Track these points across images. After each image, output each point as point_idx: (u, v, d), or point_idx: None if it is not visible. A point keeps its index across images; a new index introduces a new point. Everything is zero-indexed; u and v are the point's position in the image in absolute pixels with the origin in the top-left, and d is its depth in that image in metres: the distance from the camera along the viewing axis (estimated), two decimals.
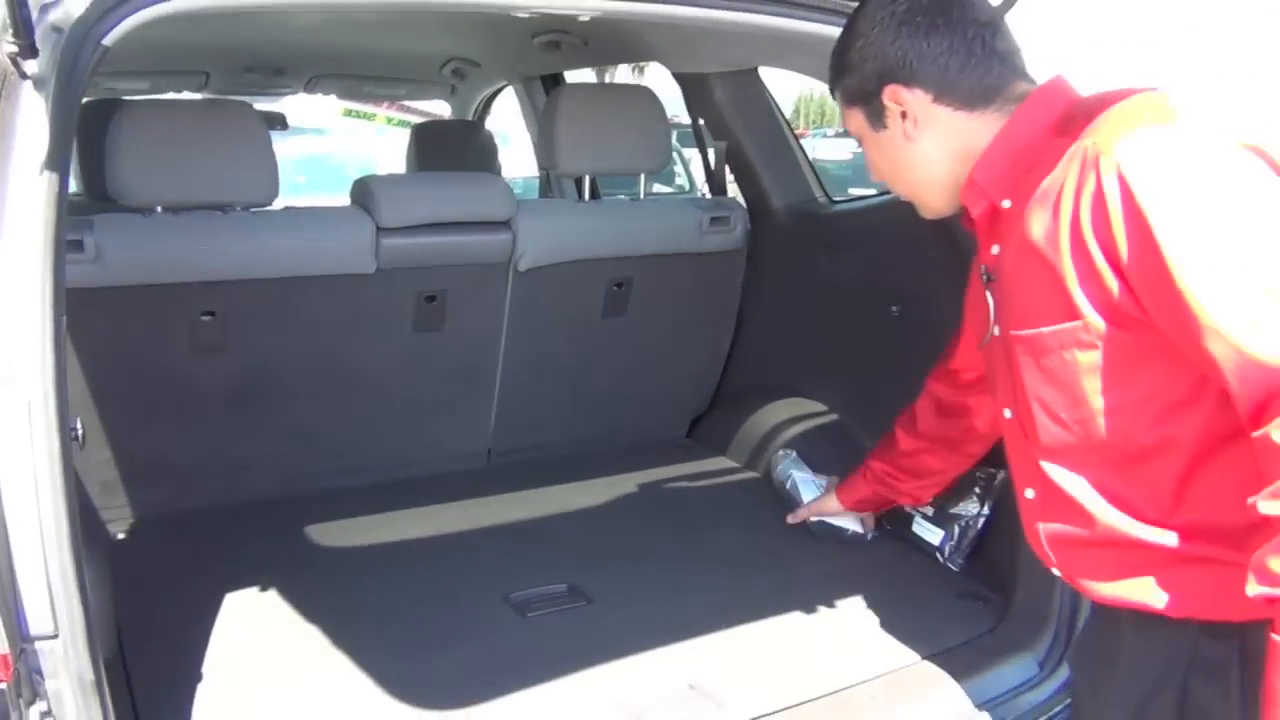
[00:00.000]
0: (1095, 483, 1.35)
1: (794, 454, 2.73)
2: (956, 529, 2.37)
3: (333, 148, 12.16)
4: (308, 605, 2.15)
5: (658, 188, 8.18)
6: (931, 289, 2.39)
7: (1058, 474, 1.39)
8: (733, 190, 3.22)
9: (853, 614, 2.17)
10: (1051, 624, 2.04)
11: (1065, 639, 2.04)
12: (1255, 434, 1.16)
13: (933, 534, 2.40)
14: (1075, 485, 1.37)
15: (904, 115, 1.43)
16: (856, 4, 1.51)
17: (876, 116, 1.46)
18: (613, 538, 2.59)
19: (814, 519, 2.52)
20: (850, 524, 2.50)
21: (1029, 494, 1.48)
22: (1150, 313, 1.21)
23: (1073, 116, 1.33)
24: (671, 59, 3.07)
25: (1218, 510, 1.27)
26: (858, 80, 1.47)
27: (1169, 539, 1.31)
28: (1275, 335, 1.13)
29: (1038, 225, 1.29)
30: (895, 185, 1.56)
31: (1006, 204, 1.39)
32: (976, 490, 2.35)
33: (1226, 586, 1.24)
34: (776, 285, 3.10)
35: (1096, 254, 1.22)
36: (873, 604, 2.20)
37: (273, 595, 2.19)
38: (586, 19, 2.52)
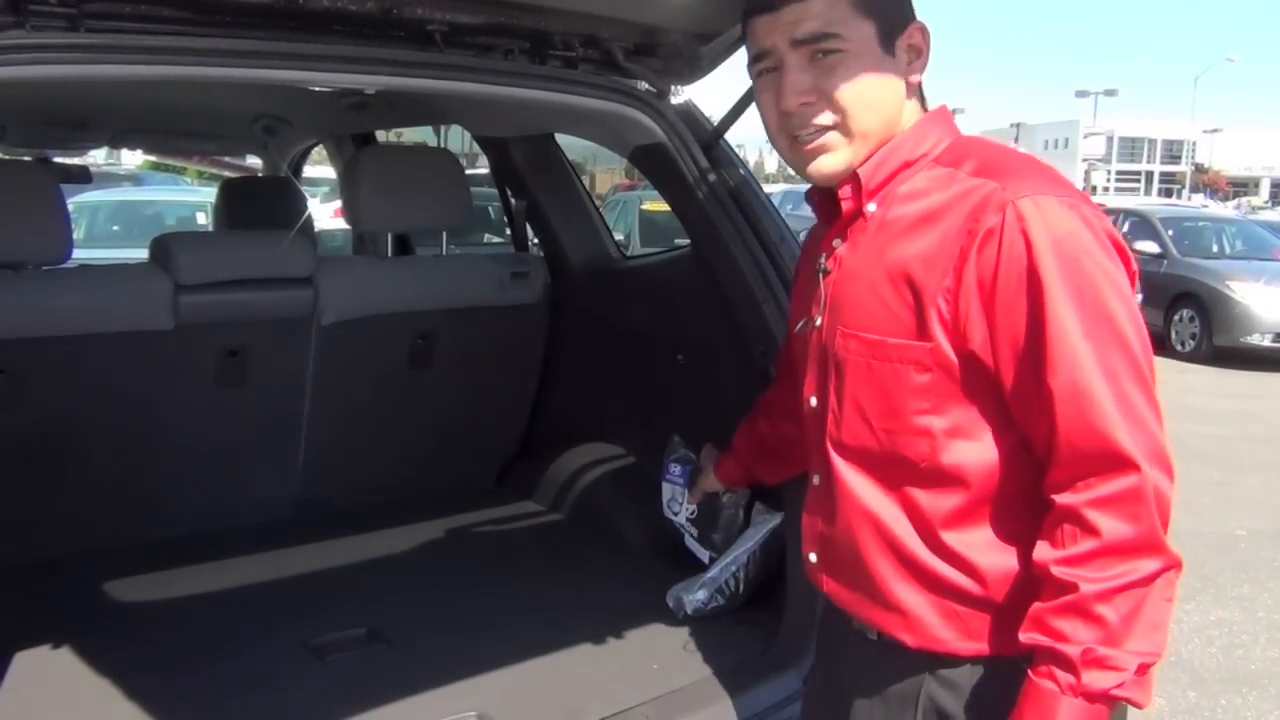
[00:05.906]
0: (880, 487, 1.37)
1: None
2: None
3: (150, 196, 11.77)
4: (99, 659, 2.16)
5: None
6: (708, 337, 2.59)
7: (844, 468, 1.40)
8: None
9: (637, 643, 2.32)
10: (814, 643, 2.23)
11: None
12: (1059, 497, 1.21)
13: None
14: (859, 483, 1.39)
15: (911, 55, 1.40)
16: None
17: (891, 35, 1.37)
18: (417, 582, 2.67)
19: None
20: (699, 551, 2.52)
21: (815, 480, 1.49)
22: (998, 355, 1.25)
23: (961, 151, 1.36)
24: (470, 123, 3.22)
25: (981, 551, 1.31)
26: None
27: (929, 561, 1.33)
28: (1129, 421, 1.18)
29: (914, 243, 1.30)
30: (852, 112, 1.37)
31: (871, 208, 1.38)
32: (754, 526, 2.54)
33: (970, 623, 1.32)
34: (576, 336, 3.25)
35: (972, 289, 1.24)
36: (656, 633, 2.34)
37: (64, 651, 2.20)
38: (372, 91, 2.65)
